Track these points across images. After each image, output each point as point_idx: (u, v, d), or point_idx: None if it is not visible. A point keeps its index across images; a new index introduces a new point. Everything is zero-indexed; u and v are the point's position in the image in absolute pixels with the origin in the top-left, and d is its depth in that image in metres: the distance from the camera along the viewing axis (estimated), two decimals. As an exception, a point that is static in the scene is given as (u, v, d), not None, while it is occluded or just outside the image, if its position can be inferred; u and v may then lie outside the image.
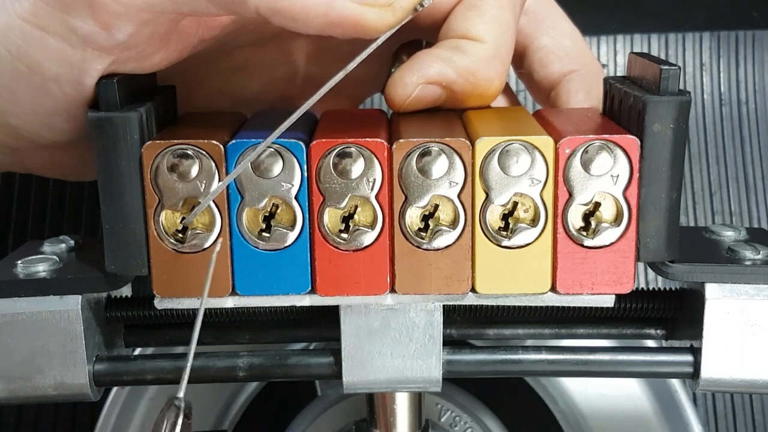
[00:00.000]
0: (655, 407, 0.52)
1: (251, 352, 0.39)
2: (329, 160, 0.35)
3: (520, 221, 0.36)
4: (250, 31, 0.40)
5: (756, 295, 0.37)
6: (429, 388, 0.39)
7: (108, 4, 0.33)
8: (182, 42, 0.37)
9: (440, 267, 0.36)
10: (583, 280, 0.36)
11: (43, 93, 0.36)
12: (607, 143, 0.35)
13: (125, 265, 0.36)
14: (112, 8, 0.33)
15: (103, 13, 0.33)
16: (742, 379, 0.38)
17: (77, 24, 0.34)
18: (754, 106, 0.74)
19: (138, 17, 0.33)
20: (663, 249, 0.36)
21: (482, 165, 0.35)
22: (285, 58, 0.45)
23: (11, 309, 0.37)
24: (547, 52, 0.44)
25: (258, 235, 0.36)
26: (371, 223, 0.35)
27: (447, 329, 0.40)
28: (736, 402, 0.70)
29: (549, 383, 0.53)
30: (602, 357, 0.39)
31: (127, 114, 0.34)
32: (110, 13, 0.33)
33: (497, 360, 0.39)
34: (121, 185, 0.35)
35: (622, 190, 0.35)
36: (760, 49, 0.75)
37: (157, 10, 0.33)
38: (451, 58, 0.38)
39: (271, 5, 0.32)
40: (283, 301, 0.37)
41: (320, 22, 0.32)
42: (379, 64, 0.45)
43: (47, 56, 0.35)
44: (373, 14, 0.33)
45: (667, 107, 0.34)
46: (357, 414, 0.50)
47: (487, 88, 0.39)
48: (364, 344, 0.38)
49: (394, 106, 0.39)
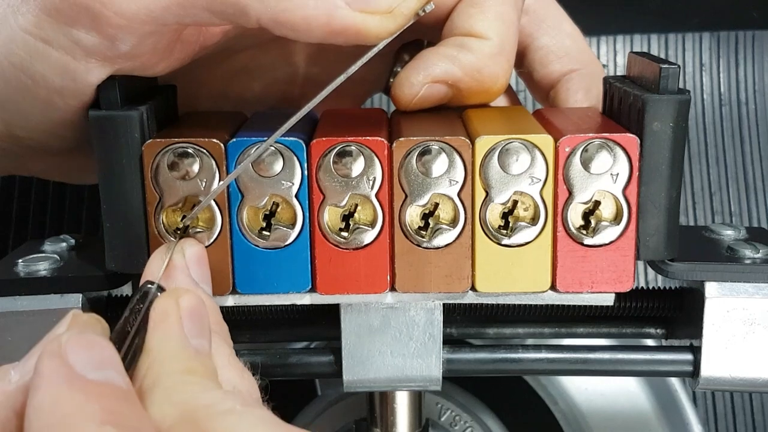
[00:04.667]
0: (655, 407, 0.52)
1: (252, 351, 0.39)
2: (329, 158, 0.35)
3: (520, 220, 0.36)
4: (251, 35, 0.40)
5: (756, 293, 0.37)
6: (429, 387, 0.39)
7: (111, 17, 0.33)
8: (184, 50, 0.37)
9: (440, 265, 0.36)
10: (583, 279, 0.36)
11: (47, 105, 0.36)
12: (607, 142, 0.35)
13: (126, 264, 0.36)
14: (115, 21, 0.33)
15: (106, 25, 0.33)
16: (741, 378, 0.38)
17: (80, 36, 0.34)
18: (753, 106, 0.74)
19: (141, 29, 0.33)
20: (663, 247, 0.36)
21: (482, 163, 0.35)
22: (286, 60, 0.45)
23: (12, 307, 0.37)
24: (548, 51, 0.44)
25: (258, 233, 0.36)
26: (371, 221, 0.35)
27: (447, 328, 0.40)
28: (736, 402, 0.70)
29: (549, 383, 0.53)
30: (602, 356, 0.39)
31: (128, 113, 0.35)
32: (113, 26, 0.33)
33: (497, 359, 0.39)
34: (122, 184, 0.35)
35: (622, 188, 0.35)
36: (760, 49, 0.75)
37: (160, 22, 0.33)
38: (456, 56, 0.38)
39: (273, 17, 0.32)
40: (283, 299, 0.37)
41: (322, 32, 0.33)
42: (381, 64, 0.45)
43: (51, 68, 0.35)
44: (374, 22, 0.33)
45: (667, 106, 0.34)
46: (357, 413, 0.50)
47: (493, 84, 0.39)
48: (365, 343, 0.38)
49: (401, 106, 0.39)
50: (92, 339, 0.26)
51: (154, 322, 0.29)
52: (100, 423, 0.24)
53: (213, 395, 0.27)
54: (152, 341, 0.29)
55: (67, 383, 0.25)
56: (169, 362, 0.28)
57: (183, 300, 0.30)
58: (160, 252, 0.34)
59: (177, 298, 0.30)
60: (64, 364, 0.25)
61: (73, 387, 0.25)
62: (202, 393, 0.27)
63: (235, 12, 0.33)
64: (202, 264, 0.34)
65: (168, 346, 0.29)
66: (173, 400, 0.26)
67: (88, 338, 0.26)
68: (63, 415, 0.24)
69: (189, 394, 0.27)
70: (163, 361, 0.28)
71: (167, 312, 0.29)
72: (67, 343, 0.25)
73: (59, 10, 0.33)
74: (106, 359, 0.26)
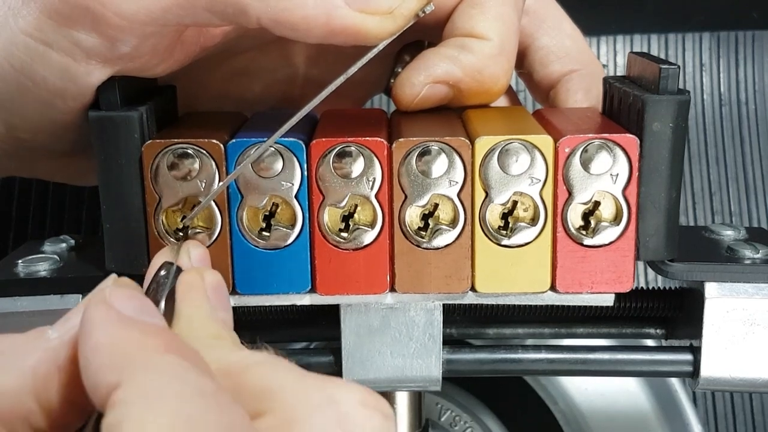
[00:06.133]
0: (655, 407, 0.52)
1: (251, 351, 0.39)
2: (329, 159, 0.35)
3: (519, 220, 0.36)
4: (251, 36, 0.40)
5: (755, 293, 0.37)
6: (429, 388, 0.39)
7: (111, 18, 0.33)
8: (185, 51, 0.37)
9: (440, 266, 0.36)
10: (583, 279, 0.36)
11: (48, 107, 0.36)
12: (607, 142, 0.35)
13: (126, 264, 0.36)
14: (115, 22, 0.33)
15: (106, 26, 0.33)
16: (741, 378, 0.38)
17: (80, 38, 0.34)
18: (753, 106, 0.74)
19: (141, 30, 0.33)
20: (662, 248, 0.36)
21: (482, 164, 0.35)
22: (286, 62, 0.45)
23: (12, 308, 0.37)
24: (548, 51, 0.44)
25: (258, 234, 0.36)
26: (371, 222, 0.35)
27: (447, 328, 0.40)
28: (736, 402, 0.70)
29: (549, 383, 0.53)
30: (602, 356, 0.39)
31: (128, 113, 0.35)
32: (113, 27, 0.33)
33: (497, 359, 0.39)
34: (122, 184, 0.35)
35: (622, 189, 0.35)
36: (760, 50, 0.75)
37: (160, 23, 0.33)
38: (457, 57, 0.38)
39: (273, 16, 0.32)
40: (283, 300, 0.37)
41: (321, 32, 0.33)
42: (382, 65, 0.45)
43: (51, 70, 0.35)
44: (373, 22, 0.33)
45: (667, 106, 0.34)
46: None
47: (494, 85, 0.39)
48: (364, 343, 0.38)
49: (402, 106, 0.39)
50: (134, 293, 0.28)
51: (182, 292, 0.31)
52: (163, 352, 0.25)
53: (242, 354, 0.28)
54: (182, 308, 0.30)
55: (121, 323, 0.26)
56: (199, 327, 0.29)
57: (207, 275, 0.31)
58: (162, 254, 0.34)
59: (201, 272, 0.32)
60: (113, 309, 0.26)
61: (127, 326, 0.26)
62: (231, 353, 0.28)
63: (235, 12, 0.33)
64: (206, 265, 0.35)
65: (198, 313, 0.30)
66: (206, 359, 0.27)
67: (130, 291, 0.28)
68: (123, 350, 0.25)
69: (220, 353, 0.28)
70: (194, 326, 0.30)
71: (194, 284, 0.31)
72: (112, 294, 0.27)
73: (59, 11, 0.33)
74: (149, 309, 0.27)
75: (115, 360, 0.25)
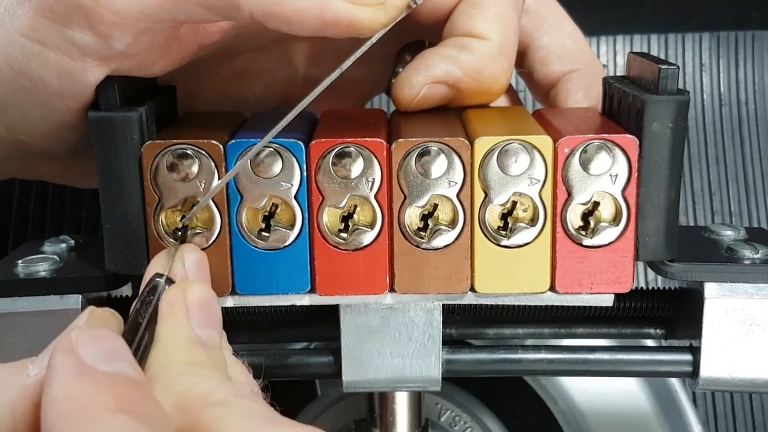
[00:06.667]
0: (654, 407, 0.52)
1: (251, 352, 0.39)
2: (328, 159, 0.35)
3: (519, 221, 0.36)
4: (251, 36, 0.40)
5: (755, 294, 0.37)
6: (428, 388, 0.39)
7: (104, 15, 0.33)
8: (182, 49, 0.37)
9: (439, 266, 0.36)
10: (582, 280, 0.36)
11: (47, 107, 0.36)
12: (606, 143, 0.35)
13: (125, 265, 0.36)
14: (108, 18, 0.33)
15: (99, 23, 0.33)
16: (741, 378, 0.38)
17: (75, 36, 0.34)
18: (753, 106, 0.74)
19: (135, 26, 0.33)
20: (662, 248, 0.36)
21: (481, 164, 0.35)
22: (286, 62, 0.45)
23: (12, 308, 0.37)
24: (548, 51, 0.45)
25: (258, 234, 0.36)
26: (370, 222, 0.35)
27: (446, 329, 0.40)
28: (736, 402, 0.70)
29: (549, 383, 0.53)
30: (602, 356, 0.39)
31: (127, 114, 0.35)
32: (107, 24, 0.33)
33: (497, 359, 0.39)
34: (121, 185, 0.35)
35: (621, 189, 0.35)
36: (760, 50, 0.75)
37: (154, 19, 0.33)
38: (456, 57, 0.38)
39: (265, 9, 0.32)
40: (282, 300, 0.37)
41: (314, 24, 0.33)
42: (382, 65, 0.45)
43: (48, 70, 0.35)
44: (366, 14, 0.33)
45: (666, 106, 0.34)
46: (357, 413, 0.50)
47: (493, 85, 0.39)
48: (364, 343, 0.38)
49: (402, 106, 0.39)
50: (101, 333, 0.27)
51: (162, 313, 0.31)
52: (113, 411, 0.25)
53: (208, 386, 0.28)
54: (161, 331, 0.30)
55: (79, 375, 0.26)
56: (173, 353, 0.29)
57: (191, 291, 0.31)
58: (157, 261, 0.34)
59: (185, 289, 0.31)
60: (75, 358, 0.26)
61: (84, 378, 0.26)
62: (199, 384, 0.28)
63: (227, 6, 0.33)
64: (202, 270, 0.35)
65: (173, 337, 0.30)
66: (172, 390, 0.27)
67: (97, 332, 0.27)
68: (77, 405, 0.25)
69: (187, 384, 0.28)
70: (168, 351, 0.29)
71: (174, 303, 0.31)
72: (77, 338, 0.26)
73: (53, 10, 0.33)
74: (115, 351, 0.27)
75: (68, 416, 0.25)
